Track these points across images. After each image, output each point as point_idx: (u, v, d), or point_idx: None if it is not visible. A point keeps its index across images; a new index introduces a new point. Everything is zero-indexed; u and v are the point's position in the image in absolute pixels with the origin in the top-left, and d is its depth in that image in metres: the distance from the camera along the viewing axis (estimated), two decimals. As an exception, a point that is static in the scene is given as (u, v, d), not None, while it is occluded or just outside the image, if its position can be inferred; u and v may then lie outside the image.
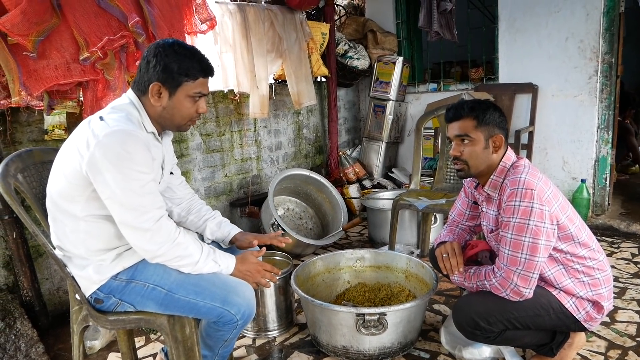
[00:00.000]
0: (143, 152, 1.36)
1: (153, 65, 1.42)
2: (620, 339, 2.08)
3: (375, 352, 1.98)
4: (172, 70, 1.42)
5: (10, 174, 1.48)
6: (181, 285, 1.47)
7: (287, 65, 3.44)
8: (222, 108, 3.34)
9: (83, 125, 1.43)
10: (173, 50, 1.43)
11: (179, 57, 1.42)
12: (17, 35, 1.96)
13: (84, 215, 1.41)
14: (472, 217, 2.04)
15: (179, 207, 1.80)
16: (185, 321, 1.53)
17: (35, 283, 2.27)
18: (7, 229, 2.17)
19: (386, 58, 4.21)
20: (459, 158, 1.76)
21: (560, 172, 3.63)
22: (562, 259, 1.71)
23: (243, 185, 3.56)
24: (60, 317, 2.43)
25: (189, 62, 1.43)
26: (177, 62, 1.42)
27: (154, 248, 1.40)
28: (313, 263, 2.42)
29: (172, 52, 1.42)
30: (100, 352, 2.18)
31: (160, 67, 1.41)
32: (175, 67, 1.42)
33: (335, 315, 1.95)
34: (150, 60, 1.43)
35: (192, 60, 1.44)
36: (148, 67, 1.43)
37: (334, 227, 3.46)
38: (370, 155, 4.43)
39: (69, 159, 1.39)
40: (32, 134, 2.33)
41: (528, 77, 3.60)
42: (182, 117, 1.50)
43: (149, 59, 1.43)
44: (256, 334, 2.27)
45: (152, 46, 1.45)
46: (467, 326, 1.76)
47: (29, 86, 2.06)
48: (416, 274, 2.35)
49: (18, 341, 2.02)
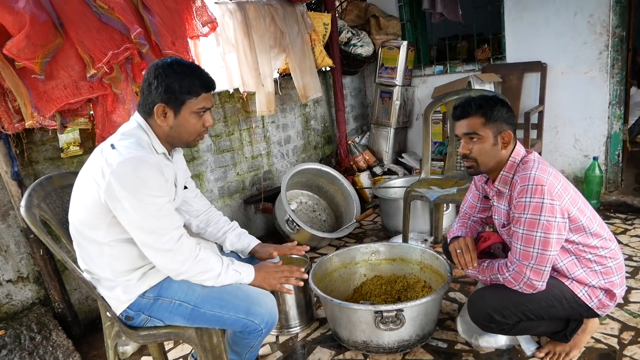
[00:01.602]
0: (156, 177, 1.41)
1: (155, 87, 1.45)
2: (634, 320, 2.11)
3: (395, 345, 2.04)
4: (174, 90, 1.44)
5: (34, 204, 1.53)
6: (206, 300, 1.53)
7: (290, 59, 3.44)
8: (230, 107, 3.36)
9: (96, 153, 1.47)
10: (172, 70, 1.45)
11: (180, 76, 1.44)
12: (24, 60, 1.99)
13: (107, 240, 1.47)
14: (483, 210, 2.07)
15: (197, 219, 1.85)
16: (212, 332, 1.60)
17: (65, 295, 2.37)
18: (34, 247, 2.26)
19: (390, 43, 4.17)
20: (468, 156, 1.78)
21: (572, 150, 3.61)
22: (574, 250, 1.73)
23: (255, 182, 3.61)
24: (92, 325, 2.54)
25: (190, 80, 1.45)
26: (178, 82, 1.44)
27: (177, 266, 1.46)
28: (329, 260, 2.48)
29: (172, 71, 1.44)
30: (133, 357, 2.29)
31: (162, 88, 1.44)
32: (177, 87, 1.44)
33: (354, 313, 2.02)
34: (151, 82, 1.45)
35: (192, 78, 1.46)
36: (150, 89, 1.46)
37: (347, 217, 3.51)
38: (380, 142, 4.44)
39: (87, 189, 1.44)
40: (48, 153, 2.39)
41: (536, 56, 3.55)
42: (189, 133, 1.53)
43: (150, 81, 1.46)
44: (279, 332, 2.36)
45: (152, 67, 1.47)
46: (482, 320, 1.81)
47: (41, 108, 2.10)
48: (430, 266, 2.40)
49: (55, 352, 2.12)
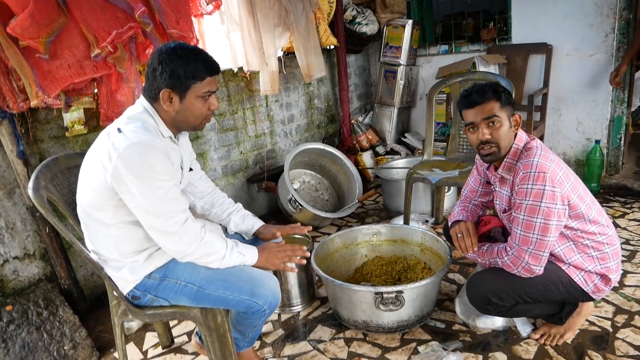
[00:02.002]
0: (163, 161, 1.42)
1: (160, 73, 1.45)
2: (628, 303, 2.16)
3: (394, 325, 2.10)
4: (179, 75, 1.44)
5: (42, 186, 1.56)
6: (211, 282, 1.57)
7: (295, 38, 3.41)
8: (233, 86, 3.35)
9: (102, 137, 1.49)
10: (177, 55, 1.44)
11: (184, 61, 1.44)
12: (28, 39, 1.98)
13: (114, 222, 1.50)
14: (484, 194, 2.09)
15: (201, 201, 1.88)
16: (216, 312, 1.64)
17: (71, 271, 2.42)
18: (40, 224, 2.29)
19: (395, 22, 4.11)
20: (490, 141, 1.73)
21: (574, 133, 3.61)
22: (572, 236, 1.76)
23: (258, 160, 3.63)
24: (97, 300, 2.60)
25: (194, 64, 1.45)
26: (183, 66, 1.44)
27: (182, 249, 1.49)
28: (331, 240, 2.52)
29: (176, 57, 1.44)
30: (138, 332, 2.35)
31: (167, 73, 1.44)
32: (181, 72, 1.44)
33: (355, 294, 2.06)
34: (156, 67, 1.45)
35: (196, 62, 1.46)
36: (155, 74, 1.46)
37: (350, 197, 3.54)
38: (383, 121, 4.43)
39: (94, 171, 1.46)
40: (53, 131, 2.40)
41: (542, 37, 3.51)
42: (195, 117, 1.54)
43: (155, 66, 1.46)
44: (281, 310, 2.41)
45: (156, 53, 1.47)
46: (480, 302, 1.86)
47: (45, 87, 2.10)
48: (431, 248, 2.43)
49: (62, 327, 2.18)
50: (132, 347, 2.24)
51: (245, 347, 1.88)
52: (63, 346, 2.12)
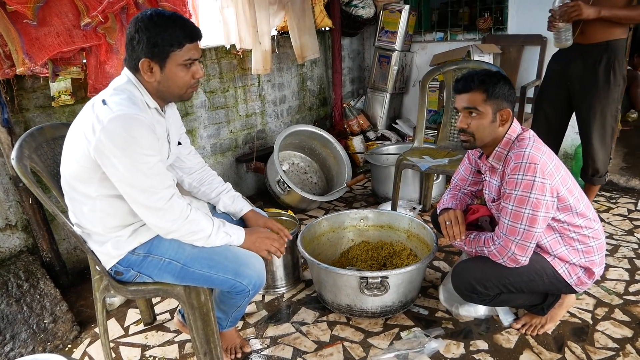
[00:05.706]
0: (148, 135, 1.39)
1: (137, 42, 1.40)
2: (609, 296, 2.20)
3: (378, 310, 2.11)
4: (156, 43, 1.39)
5: (25, 155, 1.52)
6: (195, 260, 1.55)
7: (289, 17, 3.35)
8: (225, 64, 3.29)
9: (87, 108, 1.44)
10: (153, 22, 1.39)
11: (161, 29, 1.39)
12: (15, 3, 1.92)
13: (97, 195, 1.47)
14: (474, 183, 2.09)
15: (189, 177, 1.84)
16: (200, 290, 1.63)
17: (54, 244, 2.38)
18: (23, 195, 2.24)
19: (392, 6, 4.06)
20: (466, 130, 1.77)
21: (565, 126, 3.61)
22: (559, 228, 1.78)
23: (248, 140, 3.59)
24: (79, 275, 2.57)
25: (172, 31, 1.40)
26: (160, 34, 1.39)
27: (167, 225, 1.47)
28: (318, 223, 2.51)
29: (153, 24, 1.39)
30: (120, 309, 2.33)
31: (144, 42, 1.39)
32: (158, 40, 1.39)
33: (340, 278, 2.06)
34: (133, 37, 1.41)
35: (174, 29, 1.41)
36: (133, 44, 1.42)
37: (338, 181, 3.52)
38: (375, 107, 4.41)
39: (77, 143, 1.42)
40: (39, 100, 2.34)
41: (538, 29, 3.48)
42: (179, 87, 1.49)
43: (132, 35, 1.41)
44: (265, 291, 2.41)
45: (133, 21, 1.42)
46: (465, 290, 1.87)
47: (33, 55, 2.04)
48: (417, 235, 2.44)
49: (43, 300, 2.15)
50: (113, 322, 2.22)
51: (228, 327, 1.87)
52: (43, 319, 2.09)
